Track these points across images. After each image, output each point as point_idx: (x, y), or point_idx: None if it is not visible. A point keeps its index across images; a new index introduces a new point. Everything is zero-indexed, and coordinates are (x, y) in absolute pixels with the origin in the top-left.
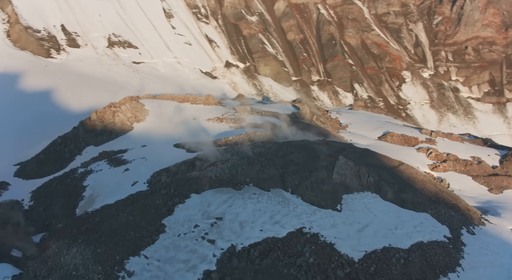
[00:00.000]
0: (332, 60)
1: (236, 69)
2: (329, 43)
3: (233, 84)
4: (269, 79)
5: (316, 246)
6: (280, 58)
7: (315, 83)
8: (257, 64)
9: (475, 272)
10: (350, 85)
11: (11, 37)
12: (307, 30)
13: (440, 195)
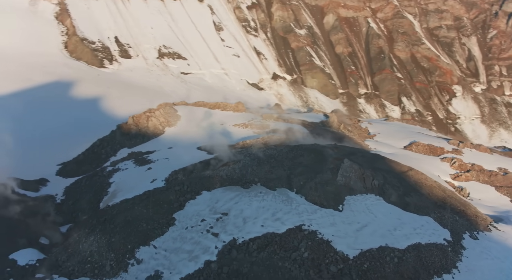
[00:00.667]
0: (380, 73)
1: (283, 81)
2: (378, 57)
3: (279, 95)
4: (315, 91)
5: (313, 242)
6: (328, 70)
7: (362, 96)
8: (304, 76)
9: (472, 275)
10: (398, 99)
11: (68, 48)
12: (356, 43)
13: (447, 200)
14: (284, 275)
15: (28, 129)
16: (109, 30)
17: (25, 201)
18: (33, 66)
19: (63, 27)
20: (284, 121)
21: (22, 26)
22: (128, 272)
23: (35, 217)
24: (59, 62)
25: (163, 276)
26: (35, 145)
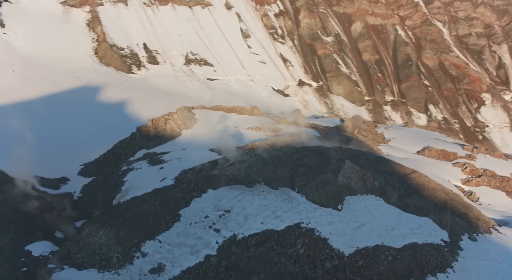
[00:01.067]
0: (407, 80)
1: (309, 87)
2: (405, 64)
3: (304, 102)
4: (341, 98)
5: (310, 239)
6: (354, 77)
7: (388, 103)
8: (330, 83)
9: (466, 275)
10: (425, 106)
11: (98, 54)
12: (383, 50)
13: (449, 203)
14: (280, 270)
15: (55, 131)
16: (138, 37)
17: (44, 197)
18: (63, 71)
19: (94, 34)
20: (296, 125)
21: (55, 32)
22: (133, 265)
23: (51, 212)
24: (88, 68)
25: (166, 268)
26: (61, 147)
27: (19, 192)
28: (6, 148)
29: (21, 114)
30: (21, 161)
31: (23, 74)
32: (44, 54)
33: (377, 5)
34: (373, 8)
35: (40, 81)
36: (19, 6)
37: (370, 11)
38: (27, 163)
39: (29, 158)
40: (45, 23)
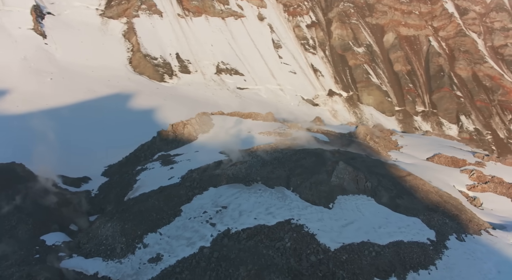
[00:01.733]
0: (438, 91)
1: (339, 97)
2: (437, 75)
3: (333, 111)
4: (371, 108)
5: (298, 234)
6: (384, 88)
7: (419, 114)
8: (360, 93)
9: (448, 272)
10: (456, 117)
11: (132, 63)
12: (415, 61)
13: (441, 205)
14: (267, 261)
15: (85, 136)
16: (171, 47)
17: (63, 193)
18: (98, 79)
19: (129, 44)
20: (308, 130)
21: (93, 43)
22: (135, 254)
23: (68, 207)
24: (122, 76)
25: (163, 258)
26: (89, 150)
27: (40, 188)
28: (35, 150)
29: (52, 119)
30: (44, 161)
31: (61, 82)
32: (81, 63)
33: (410, 16)
34: (406, 19)
35: (75, 88)
36: (61, 18)
37: (403, 22)
38: (51, 163)
39: (52, 159)
40: (83, 34)
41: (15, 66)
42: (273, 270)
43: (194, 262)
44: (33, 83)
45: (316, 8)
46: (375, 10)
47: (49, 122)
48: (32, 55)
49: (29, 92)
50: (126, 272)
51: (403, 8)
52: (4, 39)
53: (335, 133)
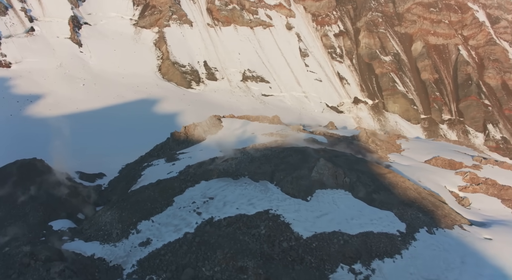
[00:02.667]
0: (465, 99)
1: (364, 105)
2: (465, 83)
3: (357, 118)
4: (396, 116)
5: (274, 223)
6: (410, 96)
7: (445, 122)
8: (386, 101)
9: (413, 261)
10: (483, 125)
11: (161, 71)
12: (443, 70)
13: (418, 201)
14: (242, 246)
15: (109, 137)
16: (199, 55)
17: (75, 186)
18: (128, 85)
19: (159, 52)
20: (309, 132)
21: (125, 51)
22: (128, 239)
23: (77, 198)
24: (151, 83)
25: (152, 242)
26: (112, 150)
27: (54, 181)
28: (56, 149)
29: (80, 122)
30: (63, 159)
31: (92, 88)
32: (113, 70)
33: (439, 25)
34: (435, 28)
35: (105, 94)
36: (97, 27)
37: (432, 31)
38: (70, 160)
39: (72, 157)
40: (117, 43)
41: (52, 72)
42: (247, 254)
43: (178, 246)
44: (66, 88)
45: (345, 17)
46: (404, 19)
47: (75, 124)
48: (67, 62)
49: (62, 96)
50: (119, 254)
51: (433, 17)
52: (43, 47)
53: (338, 135)
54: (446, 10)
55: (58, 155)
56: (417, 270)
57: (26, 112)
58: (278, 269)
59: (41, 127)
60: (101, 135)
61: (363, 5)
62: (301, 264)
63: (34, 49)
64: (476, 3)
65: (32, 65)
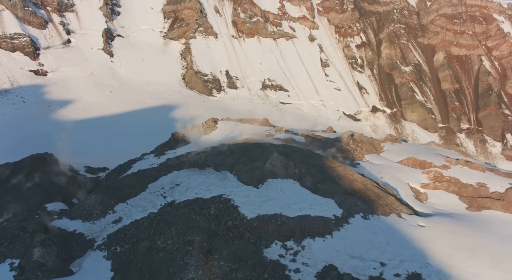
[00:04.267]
0: (484, 109)
1: (382, 113)
2: (486, 93)
3: (374, 126)
4: (414, 124)
5: (224, 205)
6: (429, 105)
7: (463, 131)
8: (404, 110)
9: (341, 240)
10: (501, 135)
11: (185, 79)
12: (465, 80)
13: (362, 191)
14: (193, 224)
15: (125, 138)
16: (222, 65)
17: (74, 176)
18: (152, 93)
19: (184, 62)
20: (290, 133)
21: (153, 61)
22: (105, 218)
23: (74, 186)
24: (174, 90)
25: (122, 220)
26: (124, 150)
27: (57, 171)
28: (66, 146)
29: (102, 124)
30: (68, 153)
31: (118, 94)
32: (140, 78)
33: (462, 36)
34: (458, 39)
35: (129, 100)
36: (129, 39)
37: (454, 42)
38: (77, 155)
39: (79, 152)
40: (146, 53)
41: (83, 80)
42: (196, 230)
43: (141, 223)
44: (95, 94)
45: (368, 29)
46: (428, 30)
47: (96, 126)
48: (98, 71)
49: (89, 102)
50: (95, 230)
51: (456, 29)
52: (77, 57)
53: (321, 137)
54: (470, 21)
55: (67, 151)
56: (343, 248)
57: (55, 115)
58: (220, 243)
59: (64, 128)
60: (116, 136)
61: (387, 17)
62: (241, 239)
63: (69, 59)
64: (502, 14)
65: (66, 74)
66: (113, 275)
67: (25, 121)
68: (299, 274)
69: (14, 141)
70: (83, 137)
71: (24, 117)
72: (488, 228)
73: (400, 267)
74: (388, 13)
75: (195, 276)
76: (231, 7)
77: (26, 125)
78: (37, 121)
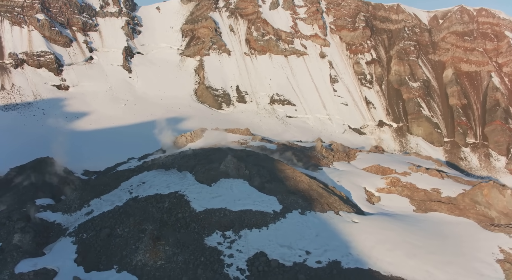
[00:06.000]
0: (490, 124)
1: (388, 128)
2: (493, 109)
3: (379, 140)
4: (419, 138)
5: (177, 200)
6: (435, 120)
7: (469, 145)
8: (410, 124)
9: (274, 232)
10: (506, 149)
11: (197, 94)
12: (473, 96)
13: (305, 191)
14: (149, 215)
15: (127, 145)
16: (233, 80)
17: (68, 177)
18: (163, 106)
19: (197, 78)
20: (266, 141)
21: (168, 76)
22: (81, 211)
23: (64, 185)
24: (184, 104)
25: (93, 212)
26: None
27: (51, 172)
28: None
29: (110, 134)
30: (64, 157)
31: (132, 108)
32: (154, 93)
33: (473, 53)
34: (468, 56)
35: (141, 112)
36: (147, 56)
37: (464, 58)
38: (78, 159)
39: (81, 157)
40: (162, 69)
41: (101, 94)
42: (150, 220)
43: (107, 214)
44: (110, 107)
45: (379, 46)
46: (438, 47)
47: (104, 136)
48: (116, 85)
49: (104, 114)
50: (70, 221)
51: (466, 46)
52: (98, 73)
53: (298, 146)
54: (481, 38)
55: (64, 156)
56: (275, 238)
57: (70, 126)
58: (168, 231)
59: (77, 137)
60: (120, 144)
61: (397, 35)
62: (187, 229)
63: (90, 74)
64: None
65: (86, 88)
66: (76, 257)
67: (41, 130)
68: (232, 259)
69: (27, 147)
70: (89, 145)
71: (41, 127)
72: (424, 227)
73: (323, 256)
74: (399, 31)
75: (143, 258)
76: (245, 26)
77: (41, 134)
78: (52, 131)
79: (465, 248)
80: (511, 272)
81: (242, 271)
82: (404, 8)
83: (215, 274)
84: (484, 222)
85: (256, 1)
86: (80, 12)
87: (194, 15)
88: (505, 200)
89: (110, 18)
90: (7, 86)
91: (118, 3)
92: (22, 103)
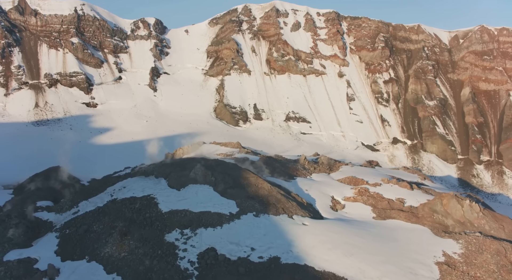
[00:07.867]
0: (505, 142)
1: (402, 145)
2: (509, 127)
3: (391, 156)
4: (432, 155)
5: (148, 202)
6: (449, 138)
7: (483, 163)
8: (424, 142)
9: (227, 231)
10: None
11: (216, 111)
12: (490, 114)
13: (264, 196)
14: (122, 214)
15: (140, 158)
16: (251, 98)
17: (70, 183)
18: (182, 122)
19: (218, 96)
20: (251, 154)
21: (190, 95)
22: (70, 211)
23: (64, 190)
24: (203, 121)
25: (79, 212)
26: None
27: (56, 178)
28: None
29: (126, 148)
30: (69, 166)
31: (153, 124)
32: (176, 110)
33: (491, 72)
34: (487, 75)
35: (160, 129)
36: (173, 76)
37: (483, 77)
38: (87, 169)
39: (91, 168)
40: (186, 88)
41: (126, 111)
42: (121, 219)
43: (88, 214)
44: (132, 124)
45: (398, 65)
46: (458, 66)
47: (120, 149)
48: (141, 103)
49: (126, 130)
50: (60, 219)
51: (485, 65)
52: (125, 92)
53: (283, 158)
54: (501, 57)
55: (71, 165)
56: (226, 236)
57: (93, 140)
58: (135, 228)
59: (95, 150)
60: (133, 156)
61: (416, 54)
62: (151, 226)
63: (118, 93)
64: None
65: (113, 106)
66: (56, 249)
67: (64, 143)
68: (186, 253)
69: (48, 158)
70: (104, 157)
71: (65, 141)
72: (375, 232)
73: (266, 252)
74: (418, 51)
75: (110, 250)
76: (266, 47)
77: (64, 146)
78: (77, 144)
79: (408, 251)
80: (447, 273)
81: (192, 263)
82: (425, 28)
83: (167, 265)
84: (438, 229)
85: (278, 24)
86: (112, 35)
87: (219, 37)
88: (463, 210)
89: (140, 40)
90: (40, 103)
91: (148, 27)
92: (52, 119)
